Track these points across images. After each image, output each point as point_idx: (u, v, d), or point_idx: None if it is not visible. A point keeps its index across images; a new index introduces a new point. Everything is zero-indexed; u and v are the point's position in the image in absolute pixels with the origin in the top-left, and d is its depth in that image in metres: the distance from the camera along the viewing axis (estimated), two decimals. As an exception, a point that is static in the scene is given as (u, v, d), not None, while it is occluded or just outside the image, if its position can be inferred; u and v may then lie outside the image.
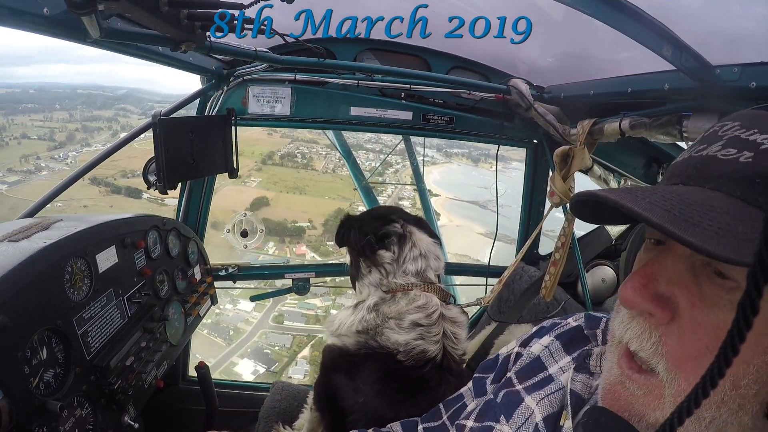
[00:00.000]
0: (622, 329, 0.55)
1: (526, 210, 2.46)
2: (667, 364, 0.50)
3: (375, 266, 1.38)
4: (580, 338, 0.78)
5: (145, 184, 1.79)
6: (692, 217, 0.44)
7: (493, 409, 0.79)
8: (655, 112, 1.36)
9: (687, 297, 0.49)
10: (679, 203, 0.46)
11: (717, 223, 0.43)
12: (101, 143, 23.33)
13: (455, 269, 3.00)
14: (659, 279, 0.51)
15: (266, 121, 2.06)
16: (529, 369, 0.79)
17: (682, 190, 0.50)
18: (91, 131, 23.94)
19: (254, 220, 2.31)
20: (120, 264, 1.39)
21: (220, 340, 12.20)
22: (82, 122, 23.77)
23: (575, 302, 2.05)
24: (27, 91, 23.94)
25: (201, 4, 0.98)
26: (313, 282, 2.35)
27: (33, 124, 23.43)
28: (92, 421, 1.18)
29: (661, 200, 0.47)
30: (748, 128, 0.49)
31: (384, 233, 1.40)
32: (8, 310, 0.95)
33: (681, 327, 0.49)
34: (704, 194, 0.48)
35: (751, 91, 0.99)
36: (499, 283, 1.80)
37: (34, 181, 20.19)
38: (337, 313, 1.44)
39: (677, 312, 0.50)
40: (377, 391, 1.26)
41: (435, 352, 1.29)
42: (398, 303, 1.32)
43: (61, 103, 23.95)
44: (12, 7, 0.84)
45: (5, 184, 19.79)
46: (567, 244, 1.67)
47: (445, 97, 2.14)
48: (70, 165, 21.45)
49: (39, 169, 21.18)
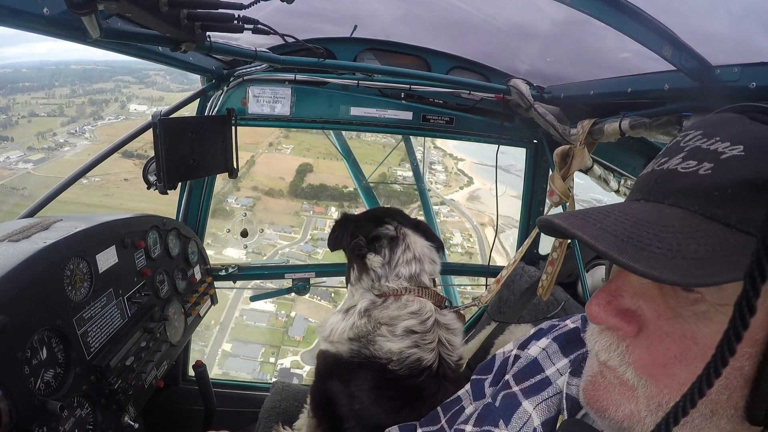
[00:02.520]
0: (592, 342, 0.57)
1: (526, 210, 2.46)
2: (635, 372, 0.51)
3: (365, 270, 1.35)
4: (577, 340, 0.78)
5: (145, 184, 1.79)
6: (641, 241, 0.44)
7: (492, 413, 0.79)
8: (655, 112, 1.36)
9: (653, 308, 0.50)
10: (631, 226, 0.47)
11: (667, 244, 0.43)
12: (113, 115, 23.64)
13: (455, 269, 3.00)
14: (624, 294, 0.52)
15: (266, 121, 2.06)
16: (526, 371, 0.80)
17: (639, 208, 0.50)
18: (99, 104, 24.21)
19: (254, 220, 2.31)
20: (120, 264, 1.39)
21: (324, 302, 13.41)
22: (86, 96, 23.83)
23: (575, 302, 2.05)
24: (20, 71, 24.11)
25: (201, 4, 0.98)
26: (313, 282, 2.35)
27: (37, 102, 23.58)
28: (92, 421, 1.18)
29: (613, 224, 0.47)
30: (710, 137, 0.49)
31: (375, 236, 1.37)
32: (8, 310, 0.95)
33: (648, 337, 0.50)
34: (660, 212, 0.48)
35: (751, 91, 0.99)
36: (496, 283, 1.79)
37: (58, 158, 20.20)
38: (329, 318, 1.41)
39: (644, 323, 0.51)
40: (373, 399, 1.24)
41: (431, 360, 1.26)
42: (389, 308, 1.29)
43: (59, 80, 23.93)
44: (12, 7, 0.84)
45: (30, 162, 19.85)
46: (564, 244, 1.67)
47: (445, 97, 2.14)
48: (90, 139, 21.69)
49: (59, 146, 21.23)
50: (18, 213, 1.55)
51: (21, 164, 19.64)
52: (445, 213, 20.92)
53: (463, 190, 21.35)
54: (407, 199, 15.26)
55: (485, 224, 17.87)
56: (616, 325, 0.52)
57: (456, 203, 20.98)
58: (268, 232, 19.91)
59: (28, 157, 19.99)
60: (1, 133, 21.25)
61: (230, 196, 20.27)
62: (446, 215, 20.82)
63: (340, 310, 1.39)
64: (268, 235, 19.76)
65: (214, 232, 19.38)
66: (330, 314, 1.43)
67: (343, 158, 3.59)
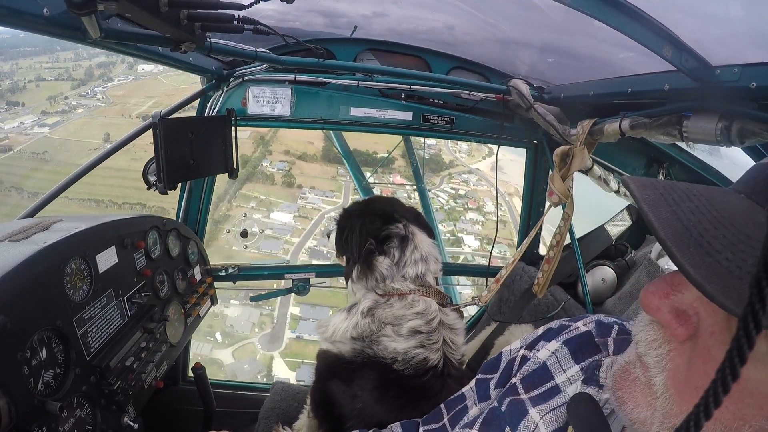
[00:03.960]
0: (638, 329, 0.52)
1: (527, 210, 2.46)
2: (666, 381, 0.47)
3: (370, 271, 1.32)
4: (590, 346, 0.73)
5: (145, 184, 1.79)
6: (711, 244, 0.37)
7: (498, 418, 0.77)
8: (655, 113, 1.36)
9: (710, 323, 0.43)
10: (710, 221, 0.39)
11: (740, 259, 0.36)
12: (122, 76, 23.88)
13: (455, 269, 3.00)
14: (686, 291, 0.45)
15: (266, 121, 2.06)
16: (534, 377, 0.76)
17: (732, 203, 0.42)
18: (106, 66, 24.03)
19: (253, 220, 2.31)
20: (120, 264, 1.39)
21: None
22: (92, 59, 23.53)
23: (575, 302, 2.05)
24: (18, 35, 24.39)
25: (201, 4, 0.98)
26: (313, 282, 2.35)
27: (42, 66, 23.65)
28: (92, 421, 1.18)
29: (689, 212, 0.40)
30: None
31: (386, 235, 1.34)
32: (8, 311, 0.95)
33: (694, 351, 0.44)
34: (754, 217, 0.40)
35: (751, 92, 0.99)
36: (496, 282, 1.79)
37: (73, 120, 20.20)
38: (331, 317, 1.39)
39: (697, 333, 0.44)
40: (376, 398, 1.23)
41: (436, 360, 1.25)
42: (393, 307, 1.27)
43: (60, 43, 24.35)
44: (12, 7, 0.84)
45: (46, 126, 19.91)
46: (562, 243, 1.67)
47: (445, 98, 2.14)
48: (102, 100, 21.81)
49: (72, 108, 21.30)
50: (42, 179, 1.55)
51: (36, 129, 19.63)
52: (474, 182, 21.31)
53: (486, 160, 21.75)
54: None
55: (512, 194, 17.86)
56: (666, 321, 0.46)
57: (482, 172, 21.14)
58: (310, 196, 20.25)
59: (44, 120, 19.95)
60: (11, 98, 21.18)
61: (264, 160, 20.23)
62: (476, 184, 21.19)
63: (343, 309, 1.37)
64: (311, 200, 20.10)
65: (256, 196, 19.28)
66: (333, 315, 1.40)
67: (343, 158, 3.58)
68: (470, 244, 18.67)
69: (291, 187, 20.69)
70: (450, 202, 20.68)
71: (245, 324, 14.77)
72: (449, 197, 20.84)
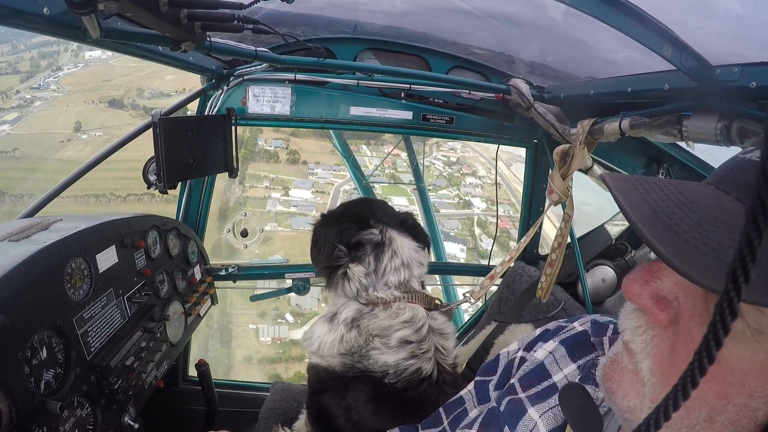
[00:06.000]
0: (623, 318, 0.54)
1: (527, 209, 2.46)
2: (652, 366, 0.48)
3: (346, 280, 1.25)
4: (586, 345, 0.75)
5: (145, 183, 1.79)
6: (679, 225, 0.40)
7: (497, 418, 0.77)
8: (655, 112, 1.36)
9: (690, 306, 0.45)
10: (679, 206, 0.42)
11: (706, 237, 0.39)
12: (71, 64, 22.66)
13: (455, 269, 3.00)
14: (664, 278, 0.48)
15: (266, 120, 2.06)
16: (532, 376, 0.77)
17: (701, 192, 0.45)
18: (50, 56, 22.71)
19: (253, 220, 2.31)
20: (120, 264, 1.39)
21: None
22: (32, 50, 22.48)
23: (575, 302, 2.05)
24: None
25: (201, 4, 0.98)
26: (313, 282, 2.35)
27: None
28: (92, 421, 1.18)
29: (659, 199, 0.43)
30: None
31: (357, 242, 1.26)
32: (8, 310, 0.95)
33: (676, 335, 0.46)
34: (720, 203, 0.43)
35: (751, 91, 0.99)
36: (489, 279, 1.77)
37: (34, 114, 19.25)
38: (314, 328, 1.31)
39: (678, 318, 0.46)
40: (371, 410, 1.19)
41: (430, 370, 1.20)
42: (378, 316, 1.21)
43: None
44: (12, 7, 0.84)
45: (6, 124, 19.00)
46: (564, 245, 1.67)
47: (445, 97, 2.14)
48: (57, 91, 20.72)
49: (28, 102, 20.28)
50: (21, 178, 1.52)
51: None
52: (460, 149, 21.51)
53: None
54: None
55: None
56: (648, 307, 0.48)
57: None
58: (319, 171, 20.15)
59: (3, 118, 19.08)
60: (-49, 100, 19.98)
61: (259, 139, 19.88)
62: (462, 150, 21.36)
63: (325, 318, 1.29)
64: (321, 175, 20.08)
65: (265, 175, 18.71)
66: (315, 324, 1.32)
67: (343, 158, 3.59)
68: (478, 206, 19.48)
69: (296, 164, 20.54)
70: (447, 168, 21.18)
71: (311, 300, 14.46)
72: (444, 164, 21.29)
